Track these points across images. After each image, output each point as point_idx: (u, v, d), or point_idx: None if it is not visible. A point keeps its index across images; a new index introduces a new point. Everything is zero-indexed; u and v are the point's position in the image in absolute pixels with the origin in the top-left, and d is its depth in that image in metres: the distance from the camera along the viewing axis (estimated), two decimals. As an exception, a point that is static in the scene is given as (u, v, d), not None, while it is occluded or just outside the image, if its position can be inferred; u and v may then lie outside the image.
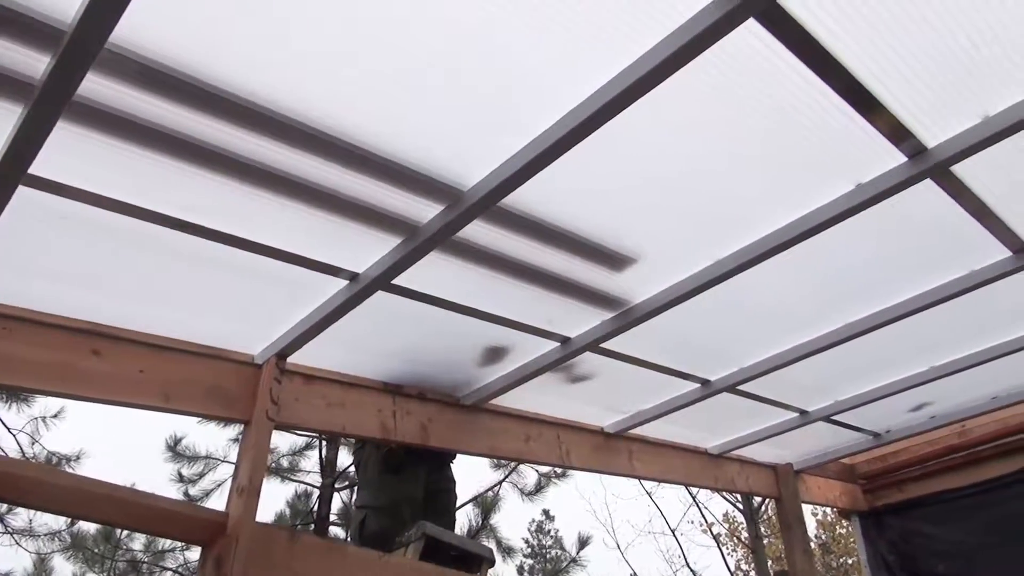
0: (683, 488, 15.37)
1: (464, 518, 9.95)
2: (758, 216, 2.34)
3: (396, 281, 2.42)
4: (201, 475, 10.45)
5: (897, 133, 1.97)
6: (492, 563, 3.39)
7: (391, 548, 3.23)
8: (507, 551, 10.55)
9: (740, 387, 3.49)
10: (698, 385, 3.46)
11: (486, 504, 9.98)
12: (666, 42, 1.58)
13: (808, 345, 3.13)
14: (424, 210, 2.16)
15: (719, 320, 2.98)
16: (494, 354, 3.02)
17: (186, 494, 10.33)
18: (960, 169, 2.13)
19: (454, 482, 4.07)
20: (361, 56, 1.72)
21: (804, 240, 2.34)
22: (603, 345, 2.95)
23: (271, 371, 2.67)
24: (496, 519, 10.56)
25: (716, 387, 3.44)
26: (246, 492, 2.42)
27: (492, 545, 10.24)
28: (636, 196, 2.25)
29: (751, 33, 1.66)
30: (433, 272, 2.44)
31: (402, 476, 3.74)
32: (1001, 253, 2.59)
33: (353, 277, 2.41)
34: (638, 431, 3.91)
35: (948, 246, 2.60)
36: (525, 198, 2.17)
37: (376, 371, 3.10)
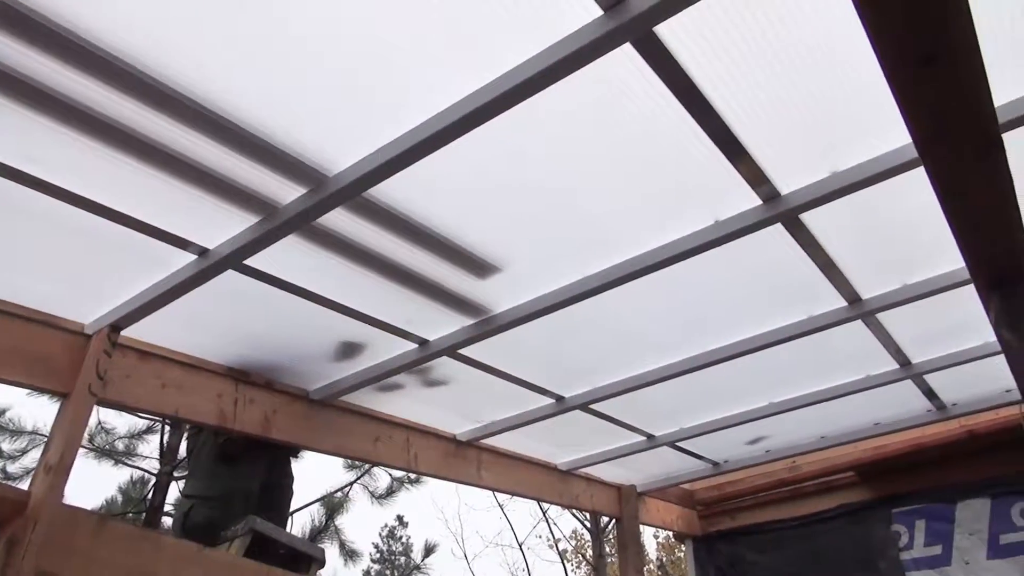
0: (535, 502, 15.58)
1: (308, 517, 9.66)
2: (624, 239, 2.39)
3: (250, 262, 2.31)
4: (24, 451, 9.61)
5: (755, 177, 2.06)
6: (322, 564, 3.28)
7: (215, 542, 3.06)
8: (350, 554, 10.31)
9: (593, 406, 3.56)
10: (553, 401, 3.50)
11: (332, 504, 9.71)
12: (543, 55, 1.59)
13: (661, 371, 3.23)
14: (286, 191, 2.06)
15: (579, 337, 3.03)
16: (349, 350, 2.94)
17: (3, 471, 9.47)
18: (808, 218, 2.26)
19: (292, 479, 3.92)
20: (237, 24, 1.62)
21: (664, 267, 2.41)
22: (461, 351, 2.93)
23: (101, 343, 2.48)
24: (345, 521, 10.32)
25: (570, 404, 3.49)
26: (54, 470, 2.22)
27: (335, 547, 10.00)
28: (507, 205, 2.25)
29: (629, 59, 1.70)
30: (292, 257, 2.34)
31: (237, 467, 3.56)
32: (839, 302, 2.77)
33: (203, 252, 2.27)
34: (490, 441, 3.91)
35: (794, 290, 2.75)
36: (395, 193, 2.12)
37: (222, 355, 2.95)
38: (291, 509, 4.04)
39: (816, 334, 2.97)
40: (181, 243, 2.23)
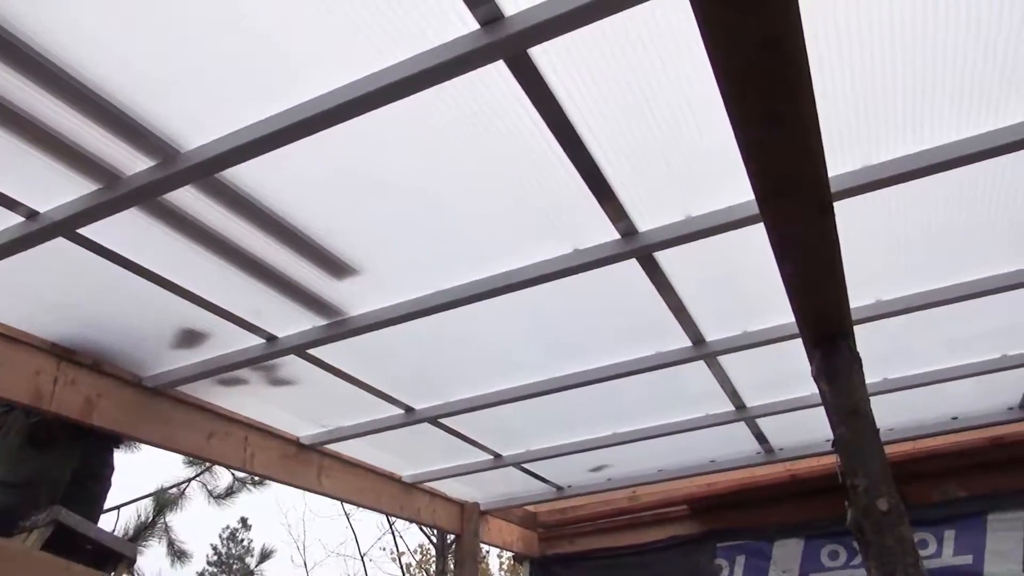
0: (383, 513, 15.32)
1: (135, 513, 9.05)
2: (486, 255, 2.40)
3: (85, 231, 2.14)
4: None
5: (616, 211, 2.12)
6: (132, 562, 3.07)
7: (11, 531, 2.80)
8: (179, 555, 9.74)
9: (443, 420, 3.54)
10: (402, 411, 3.45)
11: (163, 501, 9.14)
12: (414, 60, 1.57)
13: (515, 391, 3.25)
14: (133, 161, 1.93)
15: (435, 349, 3.00)
16: (191, 337, 2.78)
17: None
18: (663, 258, 2.35)
19: (112, 469, 3.65)
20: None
21: (525, 288, 2.43)
22: (311, 351, 2.84)
23: (-101, 301, 2.22)
24: (179, 520, 9.75)
25: (420, 416, 3.45)
26: None
27: (163, 546, 9.42)
28: (371, 208, 2.20)
29: (503, 79, 1.71)
30: (135, 233, 2.19)
31: (48, 453, 3.28)
32: (685, 342, 2.89)
33: (32, 215, 2.09)
34: (334, 447, 3.81)
35: (646, 325, 2.84)
36: (254, 181, 2.03)
37: (47, 329, 2.71)
38: (114, 503, 3.76)
39: (663, 370, 3.09)
40: (8, 203, 2.04)
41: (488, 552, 18.27)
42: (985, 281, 2.54)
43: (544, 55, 1.65)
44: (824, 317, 2.07)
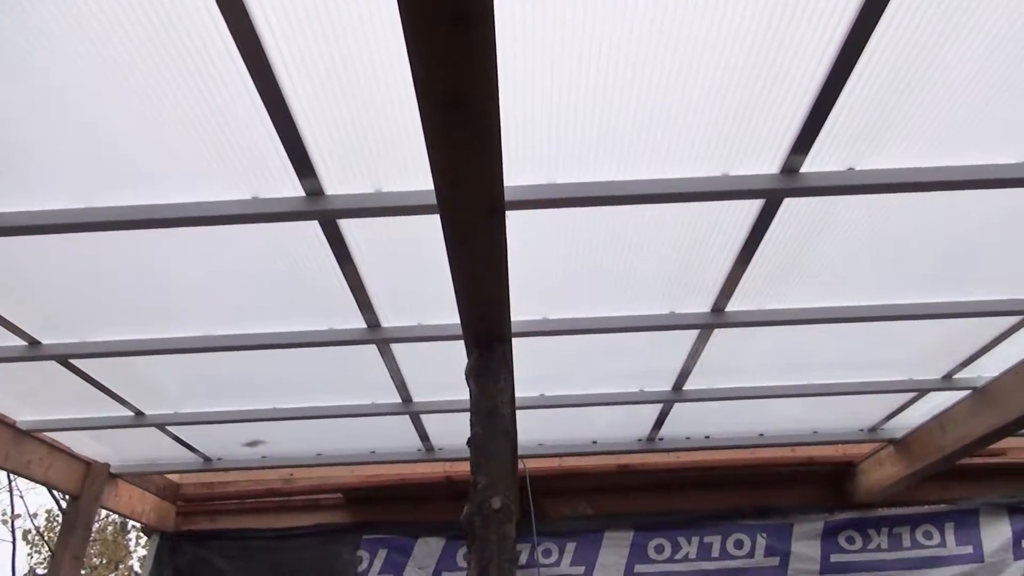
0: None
1: None
2: (158, 186, 2.09)
3: None
4: None
5: (304, 168, 1.98)
6: None
7: None
8: None
9: (76, 361, 3.08)
10: (25, 343, 2.94)
11: None
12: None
13: (167, 342, 2.91)
14: None
15: (80, 277, 2.58)
16: None
17: None
18: (347, 228, 2.25)
19: None
20: None
21: (190, 227, 2.18)
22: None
23: None
24: None
25: (47, 352, 2.97)
26: None
27: None
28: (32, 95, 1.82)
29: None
30: None
31: None
32: (360, 323, 2.82)
33: None
34: (-76, 372, 3.15)
35: (323, 297, 2.70)
36: None
37: None
38: None
39: (335, 348, 2.99)
40: None
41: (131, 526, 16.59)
42: (634, 319, 2.80)
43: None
44: (485, 318, 2.12)
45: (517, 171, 1.98)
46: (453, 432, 4.03)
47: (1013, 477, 4.83)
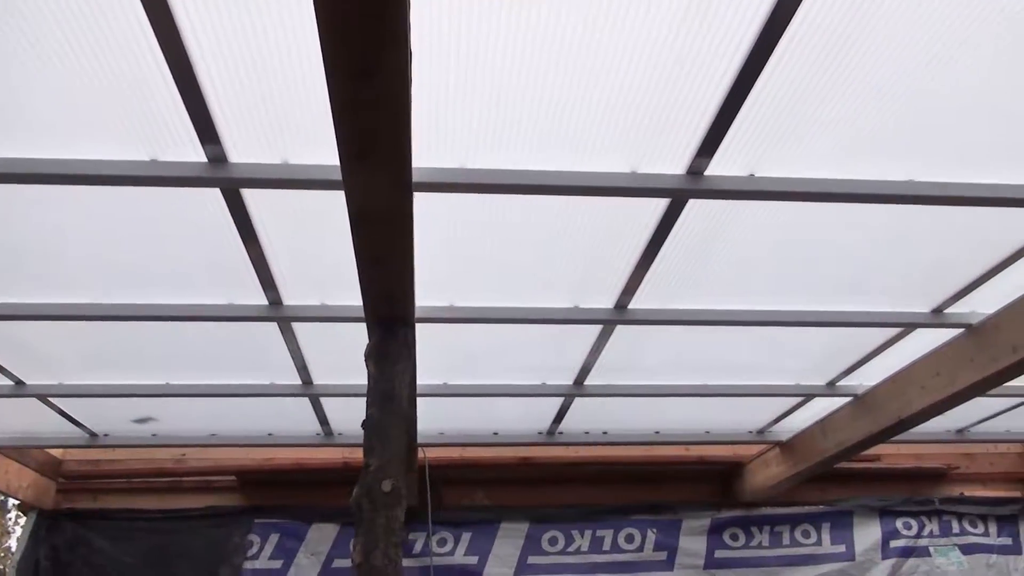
0: None
1: None
2: (52, 142, 1.99)
3: None
4: None
5: (208, 134, 1.91)
6: None
7: None
8: None
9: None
10: None
11: None
12: None
13: (52, 307, 2.75)
14: None
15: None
16: None
17: None
18: (252, 199, 2.19)
19: None
20: None
21: (92, 185, 2.07)
22: None
23: None
24: None
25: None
26: None
27: None
28: None
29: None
30: None
31: None
32: (260, 299, 2.74)
33: None
34: None
35: (224, 271, 2.61)
36: None
37: None
38: None
39: (234, 324, 2.91)
40: None
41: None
42: (540, 311, 2.83)
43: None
44: (388, 299, 2.11)
45: (428, 153, 1.97)
46: (354, 417, 3.91)
47: (885, 481, 5.15)
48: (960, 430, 4.61)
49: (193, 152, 2.00)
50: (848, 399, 3.87)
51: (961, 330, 3.12)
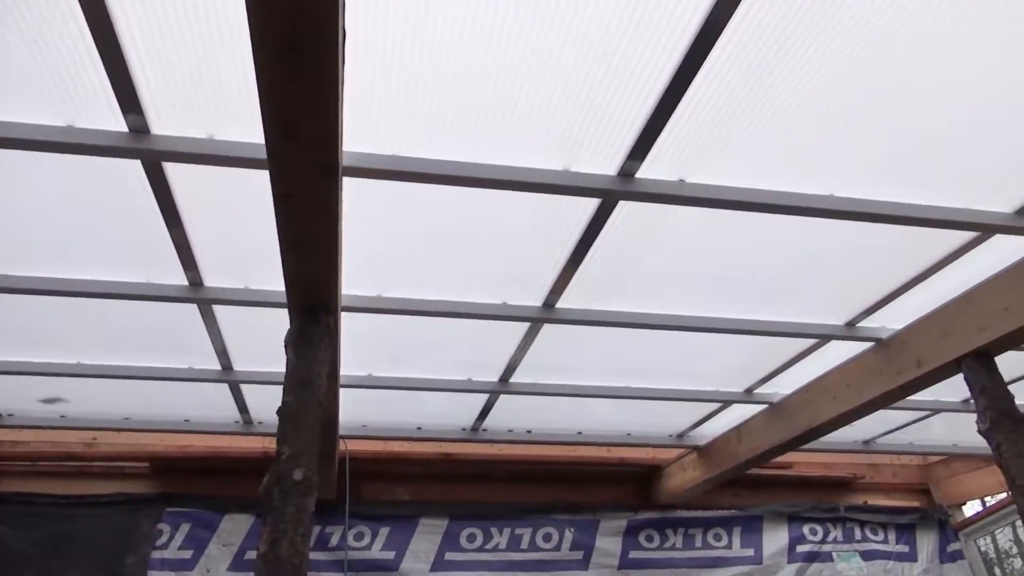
0: None
1: None
2: None
3: None
4: None
5: (130, 101, 1.85)
6: None
7: None
8: None
9: None
10: None
11: None
12: None
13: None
14: None
15: None
16: None
17: None
18: (174, 174, 2.12)
19: None
20: None
21: (6, 149, 1.97)
22: None
23: None
24: None
25: None
26: None
27: None
28: None
29: None
30: None
31: None
32: (181, 279, 2.66)
33: None
34: None
35: (143, 248, 2.52)
36: None
37: None
38: None
39: (152, 304, 2.81)
40: None
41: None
42: (468, 306, 2.83)
43: None
44: (310, 285, 2.07)
45: (360, 138, 1.95)
46: (275, 406, 3.86)
47: (795, 488, 5.34)
48: (867, 441, 4.81)
49: (113, 120, 1.93)
50: (764, 406, 3.99)
51: (871, 344, 3.26)
